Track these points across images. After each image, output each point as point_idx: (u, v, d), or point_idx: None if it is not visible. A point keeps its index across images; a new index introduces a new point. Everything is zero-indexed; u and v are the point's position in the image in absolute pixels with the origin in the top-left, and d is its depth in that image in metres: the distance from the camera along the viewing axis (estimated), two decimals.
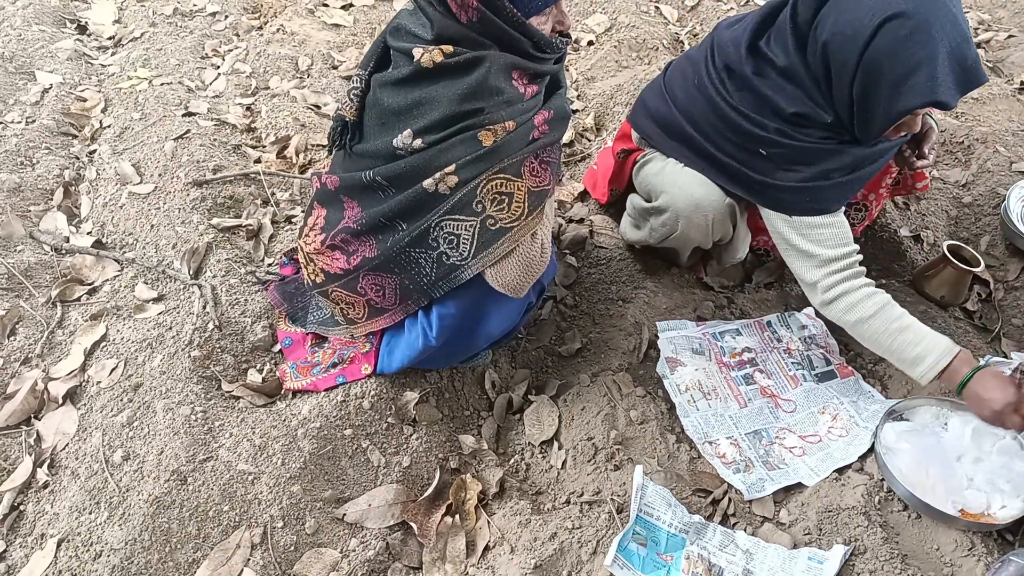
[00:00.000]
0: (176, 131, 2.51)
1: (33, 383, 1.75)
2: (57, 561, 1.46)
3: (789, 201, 1.68)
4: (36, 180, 2.38)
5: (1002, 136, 2.66)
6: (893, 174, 2.00)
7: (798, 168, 1.63)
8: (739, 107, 1.66)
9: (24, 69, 2.96)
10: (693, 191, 1.79)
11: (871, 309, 1.63)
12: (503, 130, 1.44)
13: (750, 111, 1.64)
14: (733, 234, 1.95)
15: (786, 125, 1.61)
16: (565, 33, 1.54)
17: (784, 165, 1.64)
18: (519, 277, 1.52)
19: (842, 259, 1.66)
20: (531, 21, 1.44)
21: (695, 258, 2.15)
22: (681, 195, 1.81)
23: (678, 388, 1.82)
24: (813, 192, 1.64)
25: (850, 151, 1.62)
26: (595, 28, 3.42)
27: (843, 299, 1.66)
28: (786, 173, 1.65)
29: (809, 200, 1.66)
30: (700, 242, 1.92)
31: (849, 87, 1.50)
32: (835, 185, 1.64)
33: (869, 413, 1.77)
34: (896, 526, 1.53)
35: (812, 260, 1.69)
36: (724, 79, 1.69)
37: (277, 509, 1.54)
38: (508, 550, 1.50)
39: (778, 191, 1.68)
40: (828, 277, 1.67)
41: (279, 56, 3.13)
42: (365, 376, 1.74)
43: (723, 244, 2.02)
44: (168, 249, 2.08)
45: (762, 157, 1.66)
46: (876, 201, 2.08)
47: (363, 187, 1.51)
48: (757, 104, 1.64)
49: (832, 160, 1.62)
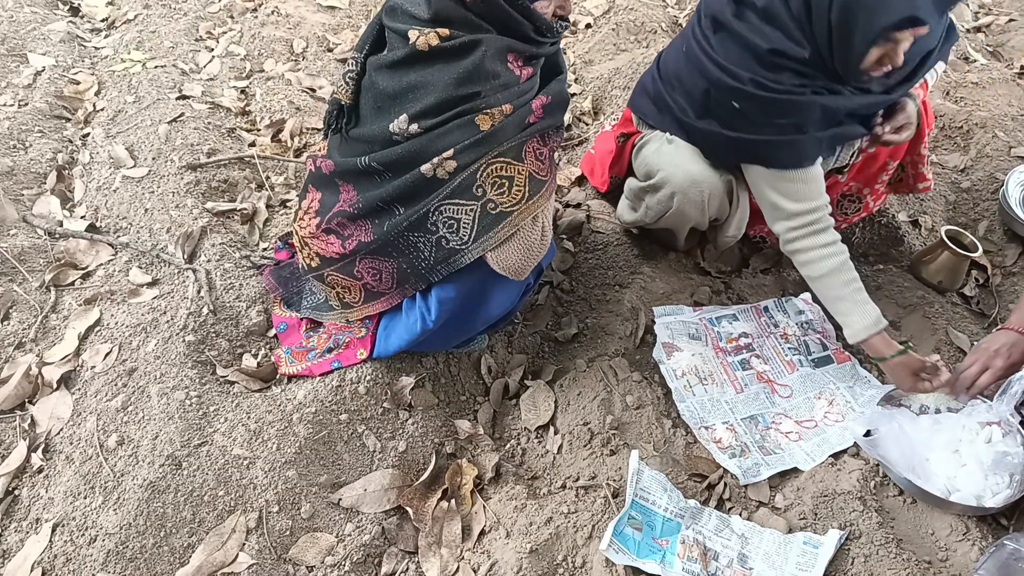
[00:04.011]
0: (170, 114, 2.49)
1: (27, 368, 1.74)
2: (52, 546, 1.46)
3: (764, 154, 1.71)
4: (29, 164, 2.36)
5: (1001, 121, 2.65)
6: (890, 170, 2.01)
7: (771, 121, 1.65)
8: (717, 59, 1.66)
9: (16, 51, 2.92)
10: (690, 167, 1.80)
11: (820, 270, 1.73)
12: (500, 114, 1.43)
13: (729, 62, 1.65)
14: (730, 211, 1.94)
15: (762, 71, 1.61)
16: (564, 17, 1.52)
17: (757, 118, 1.66)
18: (520, 260, 1.52)
19: (805, 215, 1.72)
20: (535, 5, 1.43)
21: (692, 241, 2.14)
22: (678, 172, 1.81)
23: (674, 373, 1.82)
24: (788, 145, 1.67)
25: (822, 101, 1.62)
26: (593, 11, 3.40)
27: (799, 255, 1.76)
28: (760, 127, 1.67)
29: (783, 153, 1.68)
30: (696, 220, 1.91)
31: (827, 13, 1.50)
32: (810, 140, 1.66)
33: (865, 398, 1.77)
34: (891, 511, 1.53)
35: (778, 212, 1.75)
36: (709, 35, 1.70)
37: (272, 494, 1.53)
38: (504, 535, 1.51)
39: (753, 146, 1.70)
40: (790, 232, 1.75)
41: (274, 38, 3.10)
42: (360, 361, 1.73)
43: (719, 224, 2.01)
44: (162, 233, 2.07)
45: (736, 112, 1.67)
46: (873, 195, 2.08)
47: (359, 172, 1.50)
48: (737, 50, 1.64)
49: (804, 112, 1.63)
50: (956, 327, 1.92)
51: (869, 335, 1.70)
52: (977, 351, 1.69)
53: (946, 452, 1.57)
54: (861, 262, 2.22)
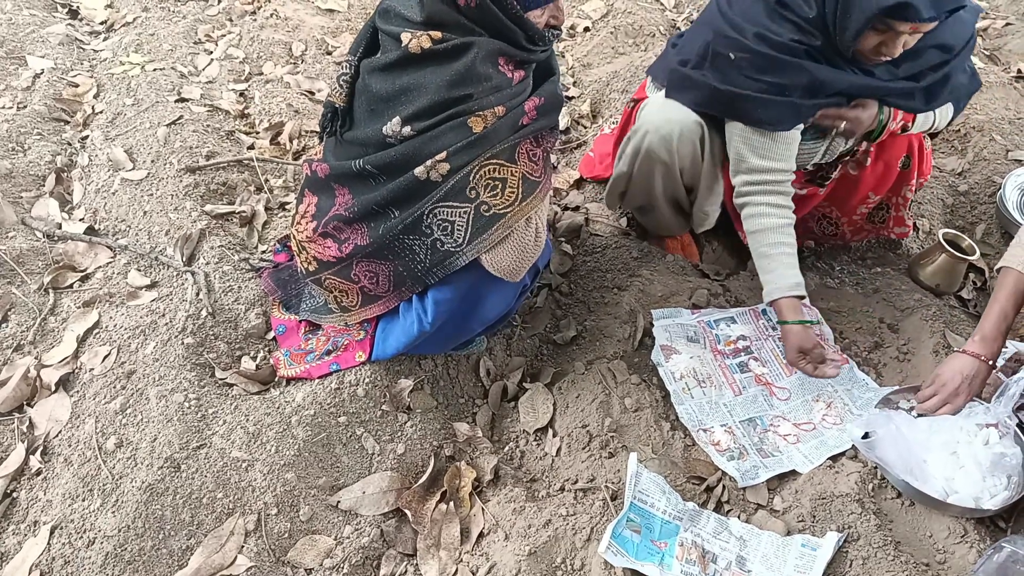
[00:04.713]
0: (169, 117, 2.49)
1: (25, 370, 1.74)
2: (50, 548, 1.45)
3: (744, 109, 1.75)
4: (28, 166, 2.36)
5: (998, 124, 2.66)
6: (870, 204, 2.07)
7: (759, 77, 1.69)
8: (727, 11, 1.72)
9: (15, 54, 2.93)
10: (667, 109, 1.86)
11: (759, 225, 1.81)
12: (493, 116, 1.44)
13: (738, 15, 1.70)
14: (702, 179, 1.96)
15: (766, 21, 1.66)
16: (556, 27, 1.54)
17: (747, 72, 1.70)
18: (515, 262, 1.52)
19: (766, 172, 1.78)
20: (528, 15, 1.44)
21: (679, 222, 2.14)
22: (655, 113, 1.88)
23: (673, 376, 1.82)
24: (767, 104, 1.71)
25: (813, 69, 1.66)
26: (591, 14, 3.41)
27: (747, 208, 1.84)
28: (748, 80, 1.71)
29: (761, 111, 1.73)
30: (666, 165, 1.90)
31: None
32: (789, 103, 1.70)
33: (863, 401, 1.77)
34: (889, 513, 1.53)
35: (740, 164, 1.81)
36: None
37: (271, 496, 1.53)
38: (502, 537, 1.51)
39: (738, 99, 1.74)
40: (746, 185, 1.82)
41: (273, 41, 3.11)
42: (359, 363, 1.73)
43: (694, 196, 2.02)
44: (161, 236, 2.07)
45: (730, 63, 1.72)
46: (849, 226, 2.15)
47: (353, 175, 1.51)
48: (747, 5, 1.70)
49: (791, 74, 1.67)
50: (953, 330, 1.92)
51: (781, 295, 1.77)
52: (936, 383, 1.66)
53: (944, 454, 1.57)
54: (859, 264, 2.23)
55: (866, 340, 1.96)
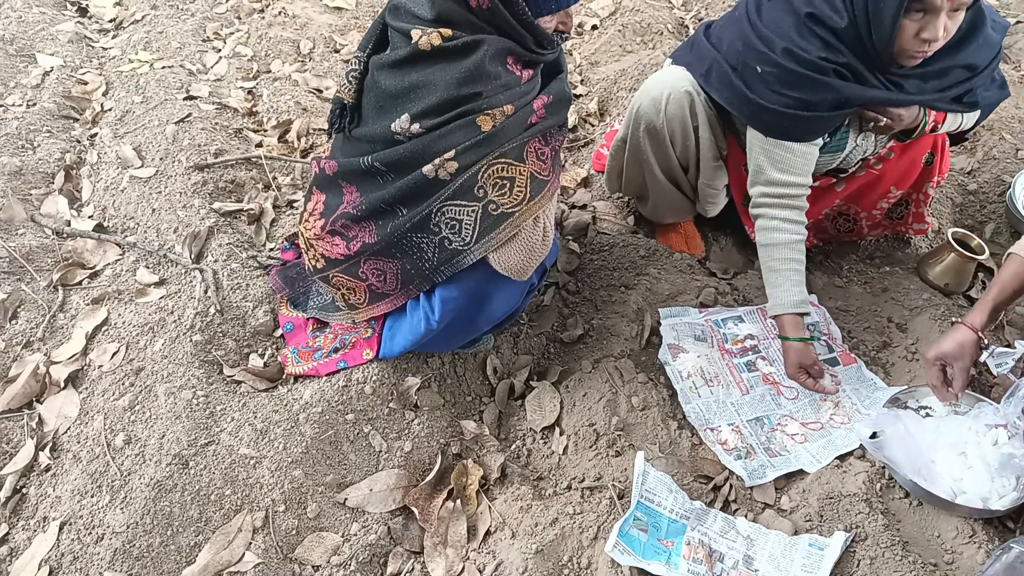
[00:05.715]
0: (177, 115, 2.50)
1: (35, 367, 1.75)
2: (59, 544, 1.46)
3: (768, 122, 1.74)
4: (37, 163, 2.37)
5: (1008, 123, 2.64)
6: (892, 199, 2.05)
7: (784, 92, 1.68)
8: (758, 24, 1.71)
9: (25, 52, 2.94)
10: (661, 76, 1.89)
11: (771, 239, 1.80)
12: (502, 114, 1.44)
13: (768, 28, 1.69)
14: (697, 148, 1.96)
15: (795, 36, 1.64)
16: (564, 31, 1.54)
17: (774, 86, 1.69)
18: (522, 261, 1.52)
19: (781, 186, 1.77)
20: (539, 20, 1.44)
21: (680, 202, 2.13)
22: (650, 81, 1.92)
23: (680, 375, 1.82)
24: (792, 119, 1.70)
25: (837, 85, 1.65)
26: (599, 12, 3.40)
27: (761, 219, 1.83)
28: (773, 95, 1.70)
29: (785, 125, 1.72)
30: (656, 128, 1.91)
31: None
32: (813, 118, 1.70)
33: (871, 401, 1.77)
34: (897, 513, 1.53)
35: (759, 175, 1.81)
36: (761, 2, 1.75)
37: (279, 493, 1.54)
38: (509, 535, 1.51)
39: (762, 111, 1.73)
40: (762, 196, 1.81)
41: (281, 39, 3.11)
42: (366, 361, 1.74)
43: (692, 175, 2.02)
44: (169, 233, 2.08)
45: (758, 77, 1.71)
46: (868, 220, 2.13)
47: (361, 172, 1.50)
48: (778, 14, 1.68)
49: (817, 91, 1.65)
50: None
51: (785, 311, 1.78)
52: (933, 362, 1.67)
53: (952, 454, 1.57)
54: (867, 263, 2.22)
55: (874, 339, 1.95)
